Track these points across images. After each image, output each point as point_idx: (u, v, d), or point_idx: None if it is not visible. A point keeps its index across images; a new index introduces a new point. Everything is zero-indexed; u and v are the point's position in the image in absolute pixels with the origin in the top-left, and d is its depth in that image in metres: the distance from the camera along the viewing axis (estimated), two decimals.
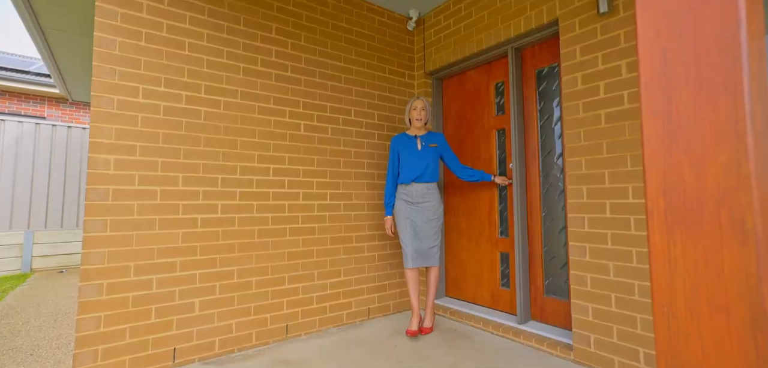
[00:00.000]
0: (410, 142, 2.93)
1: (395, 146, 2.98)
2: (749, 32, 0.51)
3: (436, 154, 2.91)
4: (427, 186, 2.86)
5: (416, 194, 2.85)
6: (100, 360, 2.14)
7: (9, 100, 8.65)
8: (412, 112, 2.95)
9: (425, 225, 2.82)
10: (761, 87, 0.52)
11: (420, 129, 2.97)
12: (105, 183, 2.25)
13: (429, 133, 2.98)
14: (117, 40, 2.34)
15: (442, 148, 2.96)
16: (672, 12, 0.57)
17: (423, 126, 2.96)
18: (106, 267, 2.20)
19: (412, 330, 2.77)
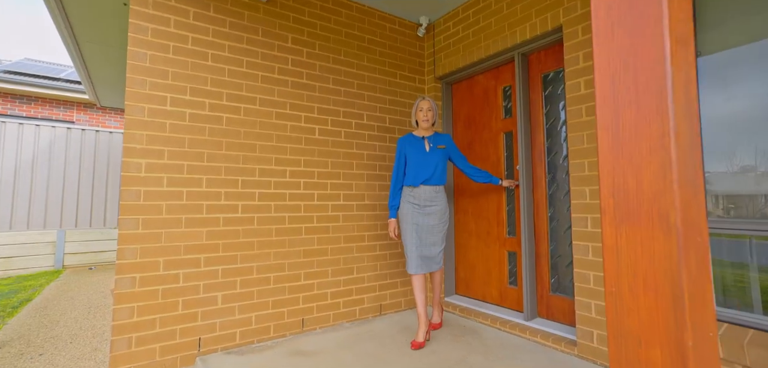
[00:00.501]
0: (418, 143, 2.85)
1: (402, 147, 2.88)
2: (674, 65, 0.62)
3: (444, 156, 2.84)
4: (435, 189, 2.77)
5: (424, 197, 2.75)
6: (133, 347, 2.34)
7: (41, 105, 9.11)
8: (418, 113, 2.88)
9: (432, 229, 2.74)
10: (687, 109, 0.64)
11: (427, 130, 2.90)
12: (137, 184, 2.45)
13: (436, 133, 2.91)
14: (148, 53, 2.54)
15: (450, 149, 2.90)
16: (619, 46, 0.69)
17: (430, 126, 2.87)
18: (138, 262, 2.40)
19: (419, 342, 2.62)
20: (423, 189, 2.77)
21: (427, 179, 2.76)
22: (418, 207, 2.76)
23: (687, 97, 0.64)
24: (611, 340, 0.68)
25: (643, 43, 0.65)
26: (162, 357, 2.42)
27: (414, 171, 2.79)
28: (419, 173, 2.77)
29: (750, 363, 1.74)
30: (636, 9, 0.66)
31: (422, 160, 2.79)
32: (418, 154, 2.80)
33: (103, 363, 2.53)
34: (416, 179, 2.77)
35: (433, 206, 2.76)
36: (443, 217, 2.79)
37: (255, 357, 2.51)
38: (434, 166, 2.77)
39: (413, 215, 2.75)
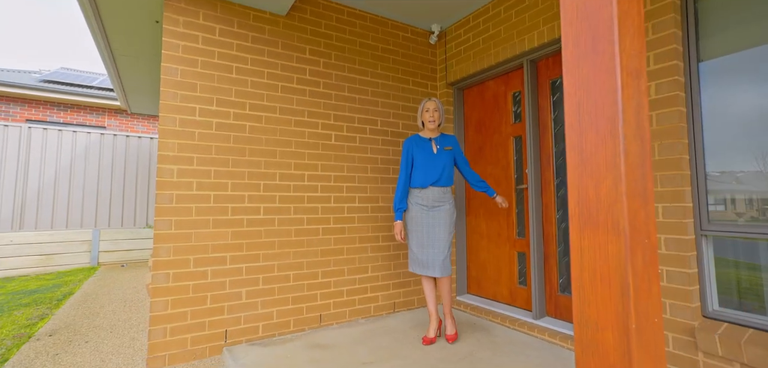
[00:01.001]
0: (425, 144, 2.84)
1: (409, 148, 2.86)
2: (625, 95, 0.75)
3: (451, 157, 2.84)
4: (443, 190, 2.78)
5: (432, 198, 2.76)
6: (168, 336, 2.56)
7: (76, 112, 9.65)
8: (424, 114, 2.87)
9: (439, 230, 2.72)
10: (637, 131, 0.77)
11: (433, 131, 2.88)
12: (170, 189, 2.67)
13: (442, 134, 2.90)
14: (179, 68, 2.77)
15: (456, 151, 2.90)
16: (584, 77, 0.82)
17: (436, 127, 2.85)
18: (171, 259, 2.63)
19: (429, 338, 2.69)
20: (431, 190, 2.77)
21: (435, 181, 2.76)
22: (426, 208, 2.76)
23: (638, 122, 0.76)
24: (576, 326, 0.81)
25: (601, 75, 0.77)
26: (193, 347, 2.64)
27: (422, 173, 2.78)
28: (428, 175, 2.77)
29: (747, 360, 1.80)
30: (596, 45, 0.79)
31: (430, 161, 2.78)
32: (426, 156, 2.79)
33: (141, 351, 2.77)
34: (425, 181, 2.77)
35: (441, 207, 2.76)
36: (450, 218, 2.77)
37: (277, 348, 2.70)
38: (442, 167, 2.77)
39: (421, 216, 2.75)
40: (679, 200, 2.09)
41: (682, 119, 2.12)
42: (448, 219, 2.76)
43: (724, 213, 2.06)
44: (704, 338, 1.95)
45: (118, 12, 3.27)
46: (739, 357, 1.83)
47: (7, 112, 8.52)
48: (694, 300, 2.05)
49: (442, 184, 2.78)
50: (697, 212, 2.09)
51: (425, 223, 2.74)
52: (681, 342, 2.06)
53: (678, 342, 2.07)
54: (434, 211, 2.76)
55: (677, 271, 2.08)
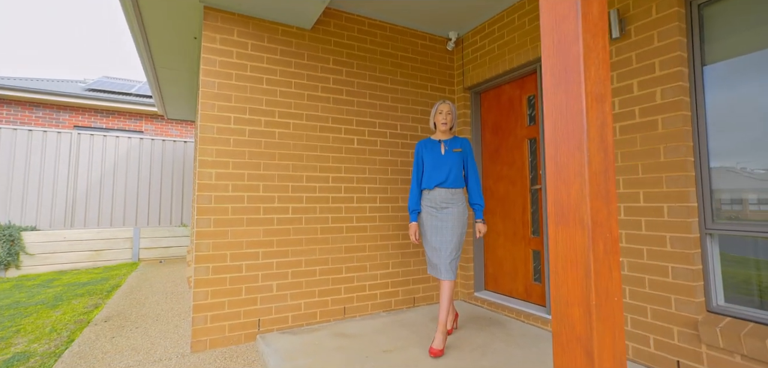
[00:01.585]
0: (435, 146, 2.84)
1: (419, 151, 2.89)
2: (589, 116, 0.93)
3: (460, 159, 2.80)
4: (451, 191, 2.75)
5: (440, 200, 2.74)
6: (209, 323, 2.86)
7: (116, 118, 10.32)
8: (437, 116, 2.86)
9: (445, 232, 2.68)
10: (600, 145, 0.94)
11: (445, 133, 2.87)
12: (209, 190, 2.97)
13: (454, 137, 2.88)
14: (216, 81, 3.06)
15: (466, 154, 2.85)
16: (559, 100, 1.00)
17: (448, 130, 2.85)
18: (211, 254, 2.93)
19: (437, 349, 2.54)
20: (438, 191, 2.76)
21: (441, 182, 2.75)
22: (434, 210, 2.76)
23: (601, 137, 0.94)
24: (552, 304, 0.99)
25: (571, 100, 0.95)
26: (230, 333, 2.93)
27: (429, 174, 2.79)
28: (433, 176, 2.77)
29: (747, 352, 1.89)
30: (567, 75, 0.96)
31: (437, 162, 2.78)
32: (434, 157, 2.80)
33: (185, 336, 3.08)
34: (431, 182, 2.77)
35: (450, 208, 2.72)
36: (459, 220, 2.71)
37: (305, 336, 2.95)
38: (449, 169, 2.75)
39: (431, 218, 2.76)
40: (683, 200, 2.18)
41: (686, 123, 2.21)
42: (456, 221, 2.70)
43: (729, 212, 2.14)
44: (706, 331, 2.04)
45: (163, 31, 3.61)
46: (740, 349, 1.92)
47: (57, 119, 9.25)
48: (698, 295, 2.14)
49: (449, 185, 2.74)
50: (701, 211, 2.18)
51: (433, 225, 2.74)
52: (685, 335, 2.16)
53: (682, 335, 2.17)
54: (442, 213, 2.73)
55: (682, 268, 2.18)
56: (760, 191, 2.03)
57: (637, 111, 2.41)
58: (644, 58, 2.38)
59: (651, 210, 2.33)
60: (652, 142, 2.33)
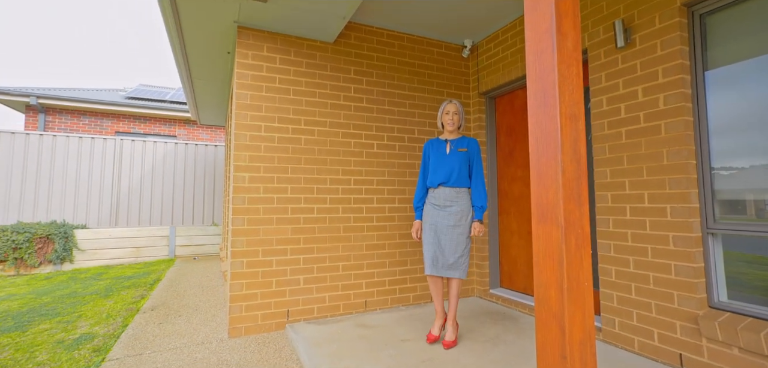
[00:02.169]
0: (440, 145, 2.87)
1: (426, 150, 2.94)
2: (563, 133, 1.13)
3: (465, 159, 2.79)
4: (455, 190, 2.76)
5: (443, 198, 2.77)
6: (244, 312, 3.17)
7: (152, 123, 10.99)
8: (444, 116, 2.88)
9: (449, 230, 2.71)
10: (573, 157, 1.13)
11: (453, 133, 2.89)
12: (243, 192, 3.28)
13: (462, 137, 2.89)
14: (248, 93, 3.37)
15: (472, 154, 2.84)
16: (541, 118, 1.20)
17: (456, 130, 2.87)
18: (245, 250, 3.23)
19: (434, 335, 2.72)
20: (442, 190, 2.78)
21: (445, 181, 2.77)
22: (437, 208, 2.79)
23: (574, 150, 1.13)
24: (535, 288, 1.18)
25: (548, 119, 1.15)
26: (263, 322, 3.23)
27: (433, 172, 2.83)
28: (437, 174, 2.80)
29: (743, 344, 2.00)
30: (545, 99, 1.16)
31: (442, 161, 2.80)
32: (439, 156, 2.83)
33: (222, 324, 3.41)
34: (435, 180, 2.81)
35: (452, 207, 2.74)
36: (463, 219, 2.73)
37: (330, 326, 3.21)
38: (451, 167, 2.76)
39: (432, 215, 2.79)
40: (685, 201, 2.30)
41: (688, 128, 2.32)
42: (458, 220, 2.72)
43: (730, 212, 2.23)
44: (706, 325, 2.16)
45: (200, 48, 3.97)
46: (737, 342, 2.03)
47: (101, 125, 9.97)
48: (699, 291, 2.25)
49: (453, 184, 2.76)
50: (703, 212, 2.29)
51: (434, 223, 2.76)
52: (687, 330, 2.27)
53: (684, 329, 2.29)
54: (445, 211, 2.75)
55: (684, 265, 2.30)
56: (761, 192, 2.12)
57: (642, 116, 2.53)
58: (648, 66, 2.50)
59: (655, 210, 2.45)
60: (656, 146, 2.45)
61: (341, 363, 2.47)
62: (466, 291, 4.14)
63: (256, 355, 2.73)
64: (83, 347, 2.87)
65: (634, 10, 2.59)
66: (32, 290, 4.90)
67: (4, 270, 6.02)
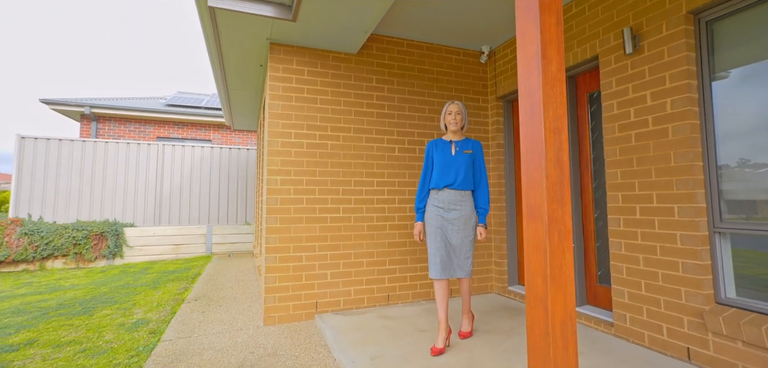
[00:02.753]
0: (445, 146, 2.83)
1: (429, 150, 2.88)
2: (547, 144, 1.33)
3: (470, 161, 2.77)
4: (460, 193, 2.74)
5: (448, 201, 2.73)
6: (277, 303, 3.49)
7: (189, 128, 11.69)
8: (447, 117, 2.85)
9: (456, 234, 2.70)
10: (557, 163, 1.33)
11: (456, 133, 2.85)
12: (276, 194, 3.60)
13: (466, 138, 2.86)
14: (280, 103, 3.69)
15: (476, 156, 2.83)
16: (529, 131, 1.40)
17: (459, 130, 2.84)
18: (278, 246, 3.55)
19: (438, 348, 2.60)
20: (446, 192, 2.75)
21: (450, 183, 2.74)
22: (442, 211, 2.74)
23: (557, 158, 1.32)
24: (526, 276, 1.38)
25: (535, 132, 1.35)
26: (294, 312, 3.54)
27: (438, 174, 2.77)
28: (443, 176, 2.75)
29: (746, 338, 2.09)
30: (533, 114, 1.36)
31: (446, 163, 2.76)
32: (444, 158, 2.78)
33: (258, 313, 3.75)
34: (440, 182, 2.76)
35: (457, 210, 2.72)
36: (470, 222, 2.73)
37: (355, 317, 3.48)
38: (458, 170, 2.74)
39: (437, 218, 2.73)
40: (692, 201, 2.39)
41: (694, 131, 2.41)
42: (465, 223, 2.71)
43: (736, 211, 2.31)
44: (711, 320, 2.25)
45: (236, 62, 4.34)
46: (740, 336, 2.12)
47: (144, 131, 10.74)
48: (706, 288, 2.34)
49: (458, 187, 2.74)
50: (710, 211, 2.37)
51: (439, 226, 2.71)
52: (694, 324, 2.37)
53: (691, 324, 2.38)
54: (450, 214, 2.72)
55: (691, 263, 2.39)
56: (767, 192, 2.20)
57: (650, 120, 2.63)
58: (656, 72, 2.60)
59: (663, 210, 2.55)
60: (664, 148, 2.55)
61: (365, 347, 2.73)
62: (485, 288, 4.30)
63: (289, 340, 3.03)
64: (141, 329, 3.27)
65: (643, 17, 2.70)
66: (91, 281, 5.47)
67: (66, 263, 6.70)
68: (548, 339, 1.27)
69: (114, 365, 2.57)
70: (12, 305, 4.20)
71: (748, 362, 2.11)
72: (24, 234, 6.42)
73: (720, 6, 2.35)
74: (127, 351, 2.81)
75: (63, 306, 4.10)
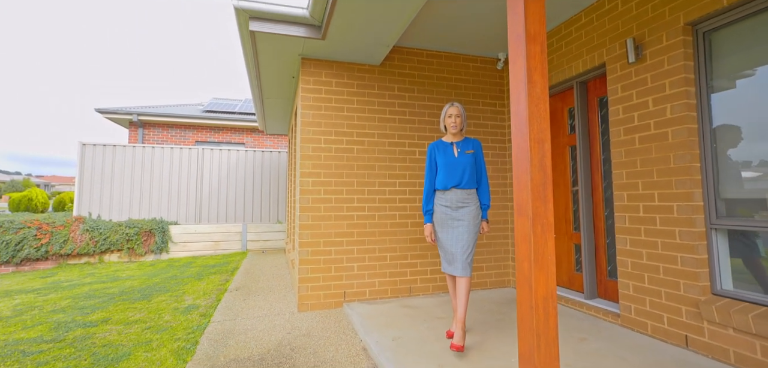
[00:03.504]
0: (447, 148, 2.90)
1: (432, 153, 2.95)
2: (532, 154, 1.63)
3: (472, 160, 2.86)
4: (466, 192, 2.82)
5: (455, 200, 2.81)
6: (309, 292, 3.89)
7: (225, 133, 12.42)
8: (447, 119, 2.91)
9: (462, 231, 2.76)
10: (540, 168, 1.63)
11: (456, 135, 2.92)
12: (308, 194, 4.00)
13: (466, 138, 2.94)
14: (310, 112, 4.09)
15: (477, 154, 2.91)
16: (518, 143, 1.70)
17: (458, 132, 2.91)
18: (310, 241, 3.95)
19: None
20: (454, 192, 2.82)
21: (457, 183, 2.81)
22: (449, 210, 2.82)
23: (541, 164, 1.61)
24: (516, 261, 1.68)
25: (522, 142, 1.64)
26: (324, 300, 3.93)
27: (444, 176, 2.85)
28: (449, 178, 2.83)
29: (735, 325, 2.27)
30: (520, 129, 1.65)
31: (451, 164, 2.84)
32: (447, 159, 2.85)
33: (292, 302, 4.17)
34: (446, 183, 2.83)
35: (464, 209, 2.80)
36: (475, 219, 2.80)
37: (379, 306, 3.83)
38: (462, 170, 2.82)
39: (445, 218, 2.82)
40: (689, 200, 2.58)
41: (692, 134, 2.59)
42: (472, 220, 2.79)
43: (732, 209, 2.48)
44: (706, 310, 2.44)
45: (271, 76, 4.79)
46: (730, 323, 2.30)
47: (184, 136, 11.55)
48: (702, 280, 2.53)
49: (464, 186, 2.82)
50: (707, 209, 2.55)
51: (449, 224, 2.81)
52: (691, 314, 2.56)
53: (689, 313, 2.57)
54: (458, 212, 2.81)
55: (688, 257, 2.58)
56: (761, 191, 2.36)
57: (652, 124, 2.82)
58: (657, 79, 2.79)
59: (664, 208, 2.74)
60: (664, 151, 2.73)
61: (387, 330, 3.07)
62: (502, 282, 4.54)
63: (320, 324, 3.42)
64: (193, 313, 3.76)
65: (645, 28, 2.89)
66: (143, 273, 6.11)
67: (120, 257, 7.45)
68: (532, 312, 1.57)
69: (176, 339, 3.04)
70: (83, 291, 4.83)
71: (738, 346, 2.29)
72: (86, 231, 7.20)
73: (716, 18, 2.52)
74: (185, 329, 3.28)
75: (124, 293, 4.69)
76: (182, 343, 2.96)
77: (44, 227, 6.97)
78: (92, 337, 3.12)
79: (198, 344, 2.95)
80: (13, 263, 6.73)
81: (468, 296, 2.74)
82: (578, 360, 2.48)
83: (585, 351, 2.63)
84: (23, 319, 3.69)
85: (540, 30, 1.69)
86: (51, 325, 3.45)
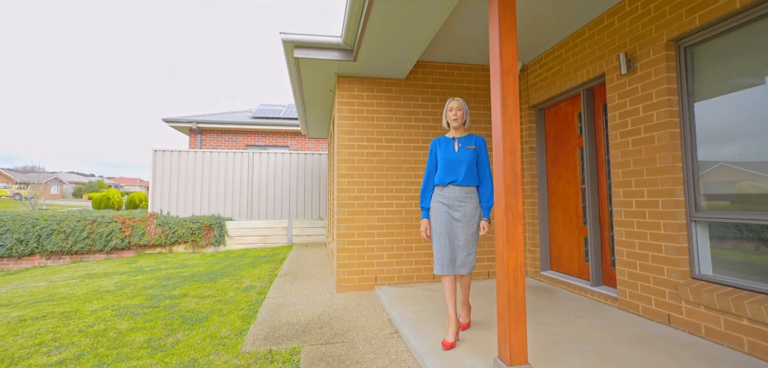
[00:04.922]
0: (448, 143, 2.82)
1: (433, 148, 2.88)
2: (504, 161, 2.17)
3: (473, 157, 2.76)
4: (465, 189, 2.73)
5: (453, 197, 2.72)
6: (346, 276, 4.56)
7: (271, 137, 13.50)
8: (448, 113, 2.84)
9: (461, 231, 2.69)
10: (511, 171, 2.17)
11: (458, 130, 2.84)
12: (344, 192, 4.67)
13: (469, 134, 2.84)
14: (345, 121, 4.75)
15: (480, 151, 2.80)
16: (497, 151, 2.24)
17: (461, 126, 2.83)
18: (346, 233, 4.62)
19: (449, 342, 2.60)
20: (452, 189, 2.74)
21: (455, 179, 2.73)
22: (447, 207, 2.74)
23: (512, 169, 2.13)
24: (496, 244, 2.21)
25: (499, 151, 2.17)
26: (358, 283, 4.59)
27: (443, 171, 2.77)
28: (448, 173, 2.75)
29: (705, 302, 2.62)
30: (496, 138, 2.18)
31: (451, 160, 2.75)
32: (448, 154, 2.77)
33: (332, 285, 4.87)
34: (445, 179, 2.75)
35: (463, 207, 2.71)
36: (472, 219, 2.71)
37: (405, 289, 4.42)
38: (462, 166, 2.73)
39: (443, 215, 2.73)
40: (672, 195, 2.93)
41: (674, 138, 2.94)
42: (469, 220, 2.71)
43: (710, 204, 2.81)
44: (683, 291, 2.79)
45: (312, 90, 5.53)
46: (702, 301, 2.65)
47: (235, 141, 12.77)
48: (682, 265, 2.87)
49: (463, 183, 2.72)
50: (687, 204, 2.89)
51: (445, 222, 2.72)
52: (672, 295, 2.91)
53: (671, 294, 2.93)
54: (455, 211, 2.72)
55: (671, 246, 2.93)
56: (737, 188, 2.68)
57: (642, 128, 3.18)
58: (645, 89, 3.14)
59: (651, 203, 3.09)
60: (651, 152, 3.09)
61: (409, 306, 3.65)
62: None
63: (355, 302, 4.07)
64: (251, 291, 4.56)
65: (636, 43, 3.24)
66: (206, 261, 7.12)
67: (186, 248, 8.61)
68: (505, 279, 2.10)
69: (240, 308, 3.83)
70: (162, 274, 5.85)
71: (707, 322, 2.64)
72: (158, 225, 8.41)
73: (693, 35, 2.86)
74: (246, 302, 4.06)
75: (195, 276, 5.63)
76: (245, 311, 3.73)
77: (127, 222, 8.25)
78: (177, 305, 3.98)
79: (257, 313, 3.71)
80: (105, 251, 8.06)
81: (469, 287, 2.85)
82: (566, 329, 2.93)
83: (576, 325, 3.06)
84: (125, 292, 4.68)
85: (512, 64, 2.21)
86: (146, 296, 4.39)
